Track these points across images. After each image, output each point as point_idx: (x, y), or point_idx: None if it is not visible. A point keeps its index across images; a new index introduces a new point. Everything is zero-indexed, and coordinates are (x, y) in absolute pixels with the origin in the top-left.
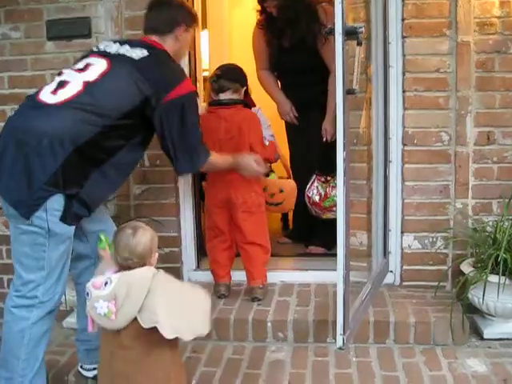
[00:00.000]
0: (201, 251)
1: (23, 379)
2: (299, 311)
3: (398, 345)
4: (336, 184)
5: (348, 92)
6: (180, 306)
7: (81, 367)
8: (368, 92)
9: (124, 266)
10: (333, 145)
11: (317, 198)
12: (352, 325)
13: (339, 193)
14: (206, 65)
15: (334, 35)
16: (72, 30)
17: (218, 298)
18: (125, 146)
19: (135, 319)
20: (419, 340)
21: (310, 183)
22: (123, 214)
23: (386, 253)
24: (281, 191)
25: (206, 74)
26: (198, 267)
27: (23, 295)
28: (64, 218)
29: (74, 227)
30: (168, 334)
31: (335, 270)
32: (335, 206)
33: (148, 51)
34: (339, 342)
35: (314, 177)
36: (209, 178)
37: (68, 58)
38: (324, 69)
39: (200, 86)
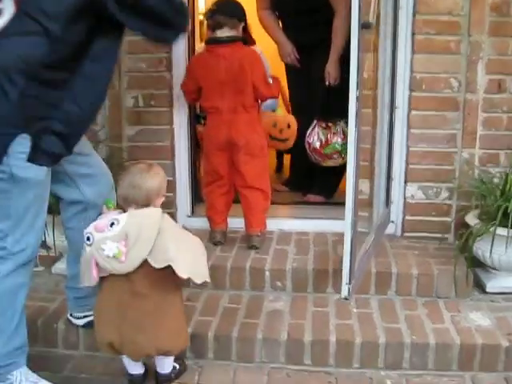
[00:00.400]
0: (196, 197)
1: (1, 334)
2: (298, 260)
3: (399, 296)
4: (337, 130)
5: (364, 26)
6: (188, 248)
7: (70, 315)
8: (375, 33)
9: (126, 207)
10: (335, 89)
11: (317, 145)
12: (357, 275)
13: (350, 137)
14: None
15: None
16: None
17: (213, 245)
18: (86, 55)
19: (145, 262)
20: (421, 292)
21: (310, 129)
22: (115, 157)
23: (388, 202)
24: (288, 126)
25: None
26: (193, 214)
27: None
28: (32, 160)
29: (45, 170)
30: (183, 272)
31: (334, 218)
32: (336, 153)
33: None
34: (344, 292)
35: (315, 122)
36: (208, 118)
37: None
38: (328, 9)
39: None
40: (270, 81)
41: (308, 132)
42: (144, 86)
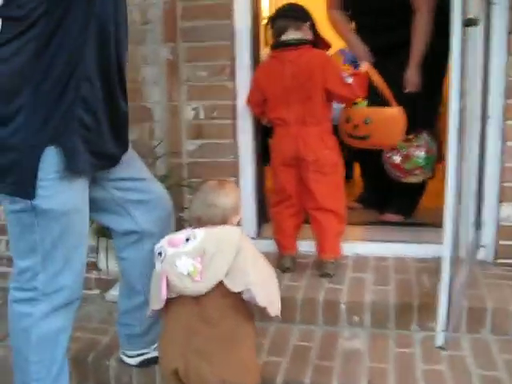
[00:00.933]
0: (262, 217)
1: None
2: (377, 291)
3: (495, 336)
4: (420, 143)
5: (467, 23)
6: (266, 274)
7: (123, 353)
8: None
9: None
10: (416, 98)
11: (398, 160)
12: (453, 318)
13: (451, 153)
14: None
15: None
16: None
17: (282, 273)
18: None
19: (219, 285)
20: None
21: None
22: (174, 174)
23: (478, 225)
24: (365, 122)
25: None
26: (259, 235)
27: (20, 287)
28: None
29: (75, 198)
30: (262, 300)
31: (415, 242)
32: (418, 168)
33: None
34: (439, 341)
35: None
36: (275, 131)
37: None
38: (406, 8)
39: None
40: (349, 80)
41: None
42: (205, 97)
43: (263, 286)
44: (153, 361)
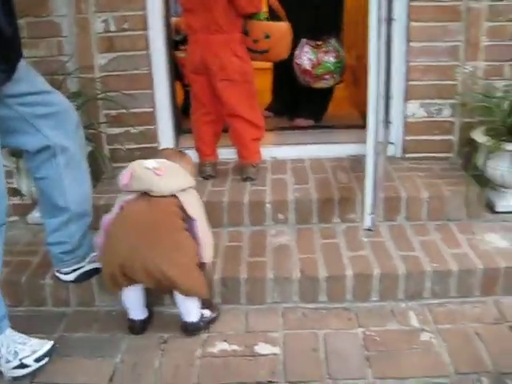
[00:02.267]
0: (179, 129)
1: None
2: (299, 190)
3: (409, 222)
4: (329, 49)
5: None
6: (206, 224)
7: (58, 271)
8: None
9: None
10: (320, 4)
11: (308, 66)
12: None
13: (372, 50)
14: None
15: None
16: None
17: (203, 179)
18: None
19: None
20: (432, 216)
21: (298, 49)
22: (88, 89)
23: (386, 123)
24: (266, 37)
25: None
26: (177, 146)
27: None
28: None
29: None
30: (202, 237)
31: (328, 143)
32: (328, 73)
33: None
34: (367, 223)
35: (304, 42)
36: (188, 39)
37: None
38: None
39: None
40: None
41: (296, 53)
42: (114, 8)
43: (202, 230)
44: (89, 274)
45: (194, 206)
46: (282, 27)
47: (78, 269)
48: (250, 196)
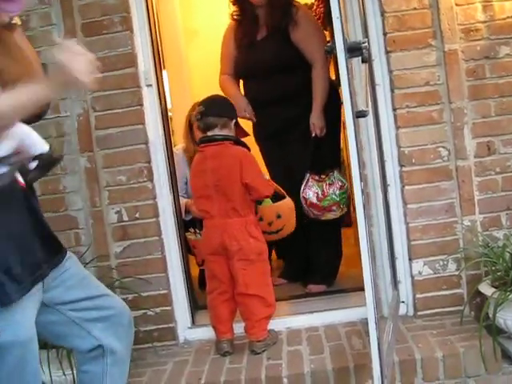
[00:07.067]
0: (195, 306)
1: None
2: (315, 360)
3: (427, 383)
4: (332, 181)
5: (358, 115)
6: None
7: None
8: None
9: None
10: (323, 140)
11: (314, 199)
12: (386, 370)
13: (360, 221)
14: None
15: (335, 53)
16: None
17: (221, 356)
18: None
19: None
20: (449, 374)
21: (303, 184)
22: (105, 277)
23: (395, 283)
24: (278, 217)
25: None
26: (194, 323)
27: None
28: None
29: (26, 327)
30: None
31: (341, 308)
32: (334, 204)
33: None
34: None
35: (308, 176)
36: (203, 223)
37: None
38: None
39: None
40: (267, 177)
41: (302, 188)
42: (127, 199)
43: None
44: None
45: None
46: (289, 203)
47: None
48: (267, 371)
